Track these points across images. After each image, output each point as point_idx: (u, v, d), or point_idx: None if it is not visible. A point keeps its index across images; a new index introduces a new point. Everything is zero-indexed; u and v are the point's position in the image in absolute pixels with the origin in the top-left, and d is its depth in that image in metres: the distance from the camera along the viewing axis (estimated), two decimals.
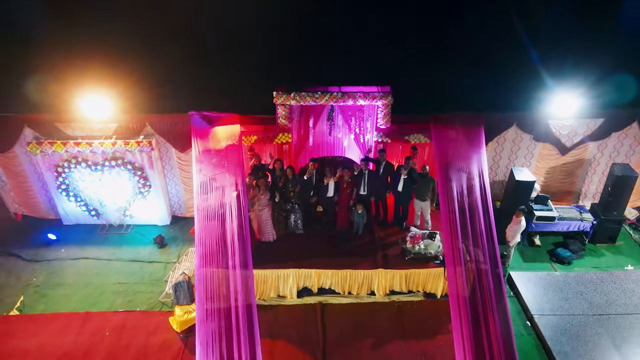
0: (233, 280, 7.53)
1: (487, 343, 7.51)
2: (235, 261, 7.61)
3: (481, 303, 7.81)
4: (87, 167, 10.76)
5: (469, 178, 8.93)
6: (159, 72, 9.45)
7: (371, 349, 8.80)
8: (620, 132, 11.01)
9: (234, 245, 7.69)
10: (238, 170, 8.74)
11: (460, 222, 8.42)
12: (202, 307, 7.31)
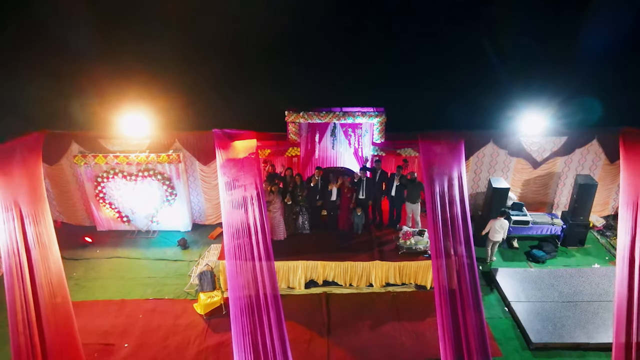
0: (259, 269, 8.79)
1: (463, 321, 8.69)
2: (261, 252, 8.92)
3: (458, 288, 9.07)
4: (122, 178, 12.31)
5: (450, 185, 10.42)
6: (191, 91, 11.17)
7: (370, 328, 10.04)
8: (583, 149, 12.63)
9: (258, 237, 9.04)
10: (255, 176, 10.27)
11: (442, 222, 9.84)
12: (234, 294, 8.46)
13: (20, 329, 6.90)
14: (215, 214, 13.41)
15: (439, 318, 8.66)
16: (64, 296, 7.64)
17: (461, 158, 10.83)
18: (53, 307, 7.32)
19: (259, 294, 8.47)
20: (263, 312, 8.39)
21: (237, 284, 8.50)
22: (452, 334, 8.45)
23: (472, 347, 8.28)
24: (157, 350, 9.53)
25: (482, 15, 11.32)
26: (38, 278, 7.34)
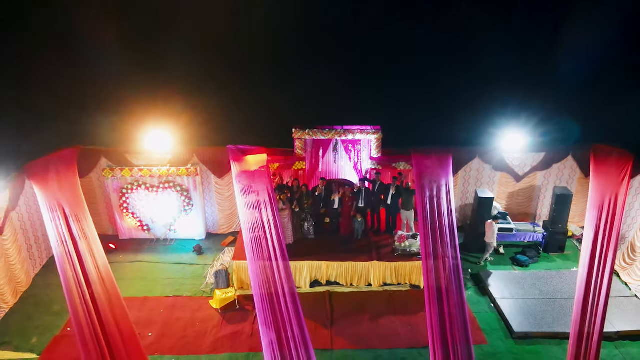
0: (276, 267, 9.77)
1: (448, 313, 9.55)
2: (277, 253, 9.96)
3: (445, 285, 10.05)
4: (145, 189, 13.54)
5: (439, 194, 11.64)
6: (209, 109, 12.54)
7: (369, 321, 11.06)
8: (560, 164, 13.92)
9: (272, 232, 10.11)
10: (267, 184, 11.50)
11: (432, 227, 10.95)
12: (257, 290, 9.40)
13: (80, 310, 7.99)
14: (227, 224, 14.58)
15: (428, 310, 9.44)
16: (110, 280, 8.77)
17: (449, 170, 12.09)
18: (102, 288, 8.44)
19: (276, 283, 9.49)
20: (281, 300, 9.33)
21: (258, 272, 9.50)
22: (438, 324, 9.27)
23: (456, 335, 9.18)
24: (177, 339, 10.53)
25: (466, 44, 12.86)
26: (86, 264, 8.51)
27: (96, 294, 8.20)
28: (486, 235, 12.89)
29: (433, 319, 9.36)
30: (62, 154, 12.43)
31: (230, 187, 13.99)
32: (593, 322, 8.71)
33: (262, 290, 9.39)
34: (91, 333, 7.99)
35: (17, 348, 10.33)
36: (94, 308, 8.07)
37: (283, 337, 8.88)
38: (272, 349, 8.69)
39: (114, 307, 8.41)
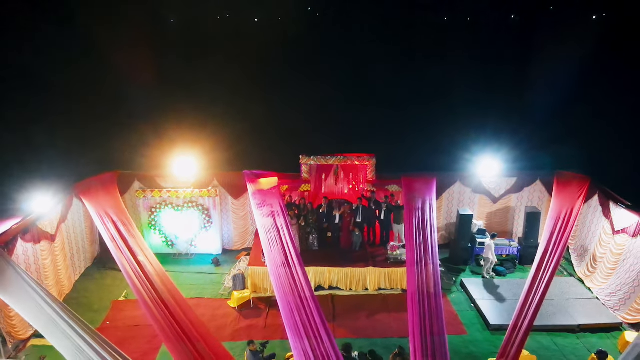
0: (295, 272, 11.25)
1: (428, 309, 10.71)
2: (292, 253, 11.55)
3: (425, 287, 11.59)
4: (171, 208, 15.48)
5: (424, 211, 13.55)
6: (231, 137, 14.72)
7: (366, 317, 12.73)
8: (530, 187, 15.96)
9: (288, 247, 11.77)
10: (278, 200, 13.47)
11: (417, 238, 12.70)
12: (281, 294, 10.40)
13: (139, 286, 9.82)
14: (240, 241, 16.40)
15: (410, 306, 10.44)
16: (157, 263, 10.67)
17: (433, 191, 14.15)
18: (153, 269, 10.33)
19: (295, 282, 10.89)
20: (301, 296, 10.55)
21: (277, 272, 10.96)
22: (418, 318, 10.12)
23: (434, 327, 10.46)
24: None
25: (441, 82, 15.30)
26: (137, 255, 10.41)
27: (149, 274, 10.05)
28: (485, 252, 14.67)
29: (414, 313, 10.43)
30: (104, 176, 14.62)
31: (245, 207, 15.96)
32: (527, 314, 10.26)
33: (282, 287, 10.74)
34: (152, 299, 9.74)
35: None
36: (149, 284, 9.88)
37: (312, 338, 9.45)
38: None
39: (166, 284, 10.26)
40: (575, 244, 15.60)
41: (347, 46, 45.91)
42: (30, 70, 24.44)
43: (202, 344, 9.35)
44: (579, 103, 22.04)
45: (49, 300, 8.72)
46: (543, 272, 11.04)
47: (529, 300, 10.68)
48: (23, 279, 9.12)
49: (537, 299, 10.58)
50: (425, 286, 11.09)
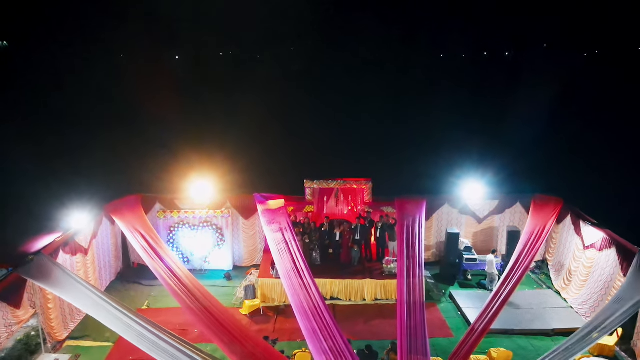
0: (307, 287, 12.78)
1: (413, 315, 11.93)
2: (302, 268, 13.08)
3: (412, 296, 13.02)
4: (188, 228, 17.12)
5: (413, 230, 15.19)
6: (244, 162, 16.54)
7: (363, 323, 14.17)
8: (511, 209, 17.65)
9: (296, 256, 13.35)
10: (285, 221, 15.12)
11: (407, 254, 14.23)
12: (295, 299, 11.92)
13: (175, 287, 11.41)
14: (249, 258, 17.92)
15: (398, 311, 11.93)
16: (186, 270, 12.29)
17: (422, 212, 15.86)
18: (183, 273, 11.93)
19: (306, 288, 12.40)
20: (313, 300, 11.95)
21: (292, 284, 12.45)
22: (406, 321, 11.65)
23: (417, 329, 11.79)
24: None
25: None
26: (167, 262, 12.04)
27: (180, 277, 11.65)
28: (487, 267, 16.23)
29: (402, 317, 11.88)
30: (128, 199, 16.36)
31: (254, 227, 17.59)
32: (485, 319, 11.70)
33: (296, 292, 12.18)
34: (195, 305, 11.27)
35: (95, 339, 13.37)
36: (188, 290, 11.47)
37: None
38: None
39: (200, 290, 11.85)
40: (554, 260, 17.16)
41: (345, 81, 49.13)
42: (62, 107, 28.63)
43: (251, 343, 10.66)
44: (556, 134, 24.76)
45: (92, 289, 10.38)
46: (508, 282, 12.59)
47: (489, 307, 12.08)
48: (69, 275, 10.81)
49: (496, 305, 11.96)
50: (412, 294, 12.60)
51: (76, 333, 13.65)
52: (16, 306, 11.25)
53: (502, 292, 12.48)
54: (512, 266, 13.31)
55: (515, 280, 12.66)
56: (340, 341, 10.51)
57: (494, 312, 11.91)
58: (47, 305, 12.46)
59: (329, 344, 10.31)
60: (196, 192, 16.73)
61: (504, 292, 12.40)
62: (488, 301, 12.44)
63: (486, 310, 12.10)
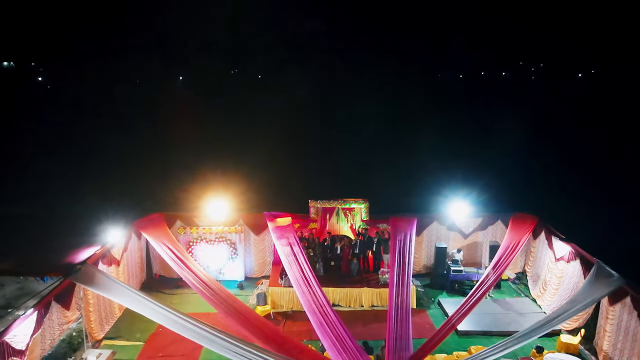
0: (314, 290, 14.80)
1: (400, 317, 14.01)
2: (309, 276, 15.14)
3: (400, 302, 14.99)
4: (206, 243, 19.14)
5: (404, 245, 17.21)
6: (255, 184, 18.67)
7: (362, 326, 16.06)
8: (493, 226, 19.71)
9: (307, 275, 15.37)
10: (293, 236, 17.19)
11: (398, 266, 16.21)
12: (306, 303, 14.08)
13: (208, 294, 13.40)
14: (260, 269, 19.89)
15: (388, 314, 13.80)
16: (213, 279, 14.32)
17: (413, 229, 17.94)
18: (211, 282, 13.95)
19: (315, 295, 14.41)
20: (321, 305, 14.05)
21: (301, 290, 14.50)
22: (393, 324, 13.47)
23: (403, 331, 13.75)
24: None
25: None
26: (196, 271, 14.08)
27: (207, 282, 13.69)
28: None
29: (390, 319, 13.79)
30: (153, 216, 18.44)
31: (264, 242, 19.61)
32: (458, 316, 13.76)
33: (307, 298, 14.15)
34: (228, 309, 13.22)
35: (127, 339, 15.30)
36: (210, 288, 13.48)
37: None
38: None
39: (220, 287, 13.87)
40: (532, 272, 19.13)
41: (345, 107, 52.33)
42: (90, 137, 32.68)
43: (289, 344, 12.52)
44: (533, 158, 27.46)
45: (132, 289, 12.47)
46: (481, 287, 14.60)
47: (463, 307, 14.10)
48: (112, 280, 12.90)
49: (468, 305, 13.96)
50: (400, 299, 14.58)
51: (111, 334, 15.59)
52: (66, 308, 13.23)
53: (475, 295, 14.48)
54: (487, 274, 15.33)
55: (487, 286, 14.66)
56: (343, 332, 12.51)
57: (466, 311, 13.88)
58: (88, 308, 14.43)
59: (334, 333, 12.32)
60: (212, 211, 18.79)
61: (476, 295, 14.40)
62: (462, 302, 14.43)
63: (460, 309, 14.10)
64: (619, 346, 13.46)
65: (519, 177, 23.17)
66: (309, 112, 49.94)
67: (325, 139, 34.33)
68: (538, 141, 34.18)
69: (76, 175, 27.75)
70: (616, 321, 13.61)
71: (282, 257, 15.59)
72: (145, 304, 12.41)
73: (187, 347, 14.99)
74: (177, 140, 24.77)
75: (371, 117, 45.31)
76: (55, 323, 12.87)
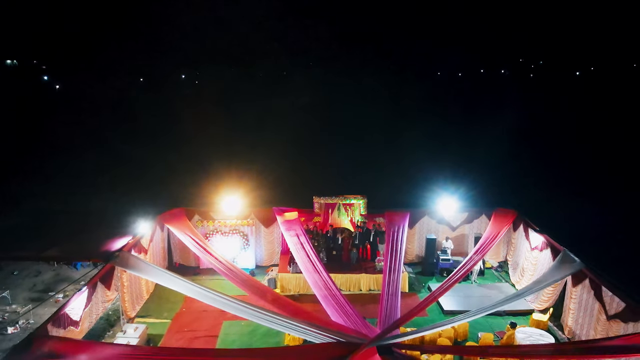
0: (322, 275, 17.11)
1: (389, 298, 16.46)
2: (321, 269, 17.41)
3: (391, 285, 17.21)
4: (221, 234, 21.34)
5: (397, 236, 19.44)
6: (265, 181, 20.88)
7: (360, 306, 18.22)
8: (478, 219, 21.91)
9: (314, 260, 17.64)
10: (299, 228, 19.41)
11: (391, 255, 18.46)
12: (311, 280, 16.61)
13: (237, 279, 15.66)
14: (269, 258, 22.07)
15: (382, 292, 16.40)
16: (238, 268, 16.53)
17: (406, 222, 20.16)
18: (236, 268, 16.20)
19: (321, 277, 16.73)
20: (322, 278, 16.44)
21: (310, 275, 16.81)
22: (385, 299, 15.96)
23: (392, 309, 16.03)
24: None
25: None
26: (224, 260, 16.28)
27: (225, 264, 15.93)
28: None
29: (382, 296, 16.27)
30: (174, 211, 20.62)
31: (272, 234, 21.79)
32: (438, 292, 15.94)
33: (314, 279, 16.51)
34: (242, 282, 15.48)
35: (156, 317, 17.54)
36: (229, 269, 15.72)
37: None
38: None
39: (237, 269, 16.12)
40: (512, 261, 21.35)
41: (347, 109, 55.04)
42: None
43: (301, 312, 14.79)
44: (514, 158, 30.21)
45: (164, 270, 14.73)
46: (461, 270, 16.85)
47: (444, 285, 16.33)
48: (145, 262, 15.17)
49: (449, 284, 16.18)
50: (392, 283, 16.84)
51: (141, 313, 17.80)
52: (108, 288, 15.44)
53: (457, 275, 16.74)
54: (467, 260, 17.56)
55: (466, 269, 16.91)
56: (344, 302, 14.87)
57: (447, 287, 16.14)
58: (123, 289, 16.62)
59: (337, 303, 14.66)
60: (227, 206, 20.98)
61: (457, 275, 16.67)
62: (445, 280, 16.72)
63: (442, 285, 16.39)
64: (580, 321, 15.73)
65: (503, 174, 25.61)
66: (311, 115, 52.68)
67: (326, 140, 37.11)
68: (521, 141, 36.97)
69: (103, 175, 30.68)
70: (578, 300, 15.86)
71: (290, 246, 17.80)
72: (177, 281, 14.62)
73: (209, 323, 17.29)
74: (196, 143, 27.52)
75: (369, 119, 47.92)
76: (100, 301, 15.08)
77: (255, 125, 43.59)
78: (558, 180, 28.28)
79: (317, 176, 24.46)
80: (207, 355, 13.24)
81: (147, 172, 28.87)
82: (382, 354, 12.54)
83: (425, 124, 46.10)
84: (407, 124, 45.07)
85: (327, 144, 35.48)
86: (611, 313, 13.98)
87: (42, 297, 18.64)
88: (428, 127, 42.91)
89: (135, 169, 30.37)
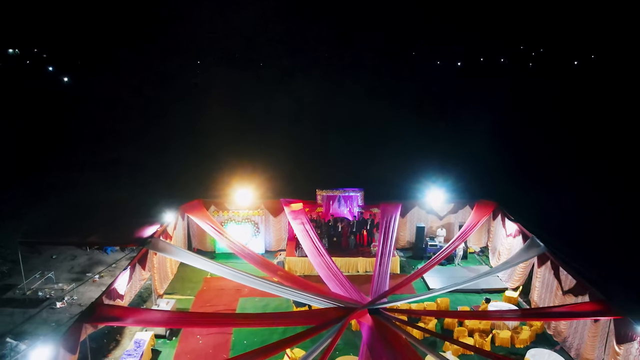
0: (325, 258, 19.91)
1: (379, 276, 19.30)
2: (323, 252, 20.19)
3: (382, 267, 20.00)
4: (234, 223, 24.05)
5: (390, 224, 22.15)
6: (278, 171, 23.59)
7: (358, 286, 21.04)
8: (462, 210, 24.60)
9: (317, 245, 20.41)
10: (304, 217, 22.13)
11: (383, 241, 21.17)
12: (316, 261, 19.52)
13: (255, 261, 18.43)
14: (277, 244, 24.77)
15: (373, 275, 19.14)
16: (258, 255, 19.32)
17: (398, 212, 22.86)
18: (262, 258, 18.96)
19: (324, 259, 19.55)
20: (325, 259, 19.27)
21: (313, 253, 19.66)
22: (376, 281, 19.03)
23: (381, 286, 18.87)
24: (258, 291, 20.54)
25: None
26: (238, 243, 19.02)
27: (243, 247, 18.68)
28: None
29: (374, 277, 19.04)
30: (194, 202, 23.33)
31: (280, 223, 24.47)
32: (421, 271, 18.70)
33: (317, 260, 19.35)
34: (256, 261, 18.22)
35: (181, 294, 20.30)
36: (247, 252, 18.47)
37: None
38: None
39: (252, 251, 18.85)
40: (492, 246, 24.11)
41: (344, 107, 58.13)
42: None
43: (309, 285, 17.58)
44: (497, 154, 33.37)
45: (191, 253, 17.46)
46: (441, 253, 19.61)
47: (426, 265, 19.07)
48: (173, 246, 17.90)
49: (430, 264, 18.89)
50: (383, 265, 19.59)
51: (168, 290, 20.58)
52: (143, 268, 18.16)
53: (439, 255, 19.50)
54: (450, 244, 20.32)
55: (446, 253, 19.66)
56: (343, 278, 17.58)
57: (431, 266, 18.85)
58: (154, 270, 19.36)
59: (337, 279, 17.38)
60: (240, 198, 23.65)
61: (440, 256, 19.43)
62: (429, 259, 19.51)
63: (427, 264, 19.14)
64: (543, 296, 18.51)
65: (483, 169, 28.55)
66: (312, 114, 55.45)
67: (327, 138, 40.27)
68: (505, 136, 40.13)
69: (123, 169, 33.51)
70: (542, 279, 18.63)
71: (297, 233, 20.52)
72: (202, 261, 17.35)
73: (227, 299, 20.07)
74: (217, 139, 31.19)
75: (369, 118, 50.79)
76: (137, 279, 17.80)
77: (264, 123, 46.67)
78: (535, 175, 31.29)
79: (319, 171, 27.55)
80: (231, 317, 16.12)
81: (164, 167, 31.92)
82: (372, 314, 15.33)
83: (419, 121, 49.13)
84: (404, 124, 47.86)
85: (327, 141, 38.75)
86: (566, 288, 16.74)
87: (80, 277, 21.39)
88: (421, 126, 45.97)
89: (153, 164, 33.40)
